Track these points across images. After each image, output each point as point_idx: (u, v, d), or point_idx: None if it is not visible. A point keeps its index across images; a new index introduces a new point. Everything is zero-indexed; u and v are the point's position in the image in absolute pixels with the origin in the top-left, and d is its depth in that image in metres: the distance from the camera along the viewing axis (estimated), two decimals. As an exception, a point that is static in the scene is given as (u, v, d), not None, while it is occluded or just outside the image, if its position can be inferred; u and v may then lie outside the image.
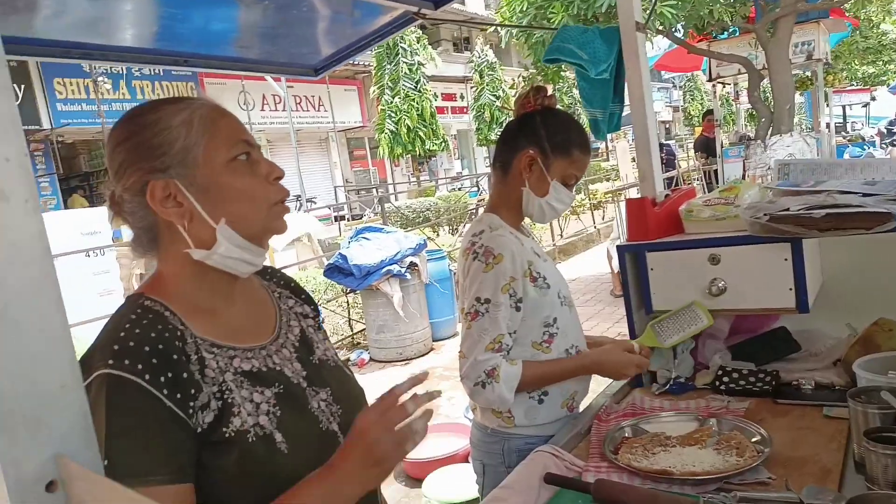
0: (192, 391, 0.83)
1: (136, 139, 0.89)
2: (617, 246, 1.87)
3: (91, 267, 6.32)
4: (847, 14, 8.55)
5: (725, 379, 1.64)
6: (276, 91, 14.58)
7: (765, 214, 1.56)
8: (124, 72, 11.86)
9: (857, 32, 12.59)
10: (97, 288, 6.19)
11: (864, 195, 1.52)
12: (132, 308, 0.88)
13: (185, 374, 0.83)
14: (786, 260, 1.59)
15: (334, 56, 2.46)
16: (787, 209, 1.54)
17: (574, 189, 1.64)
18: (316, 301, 1.17)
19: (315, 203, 14.37)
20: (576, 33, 2.61)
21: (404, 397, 0.87)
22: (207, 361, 0.87)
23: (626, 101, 2.24)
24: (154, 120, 0.89)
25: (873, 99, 18.95)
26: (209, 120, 0.90)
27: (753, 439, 1.27)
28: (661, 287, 1.75)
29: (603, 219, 11.45)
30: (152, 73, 12.52)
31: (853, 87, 17.00)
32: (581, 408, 1.68)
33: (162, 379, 0.81)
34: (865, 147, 10.94)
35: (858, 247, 1.80)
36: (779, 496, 1.07)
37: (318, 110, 16.36)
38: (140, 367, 0.80)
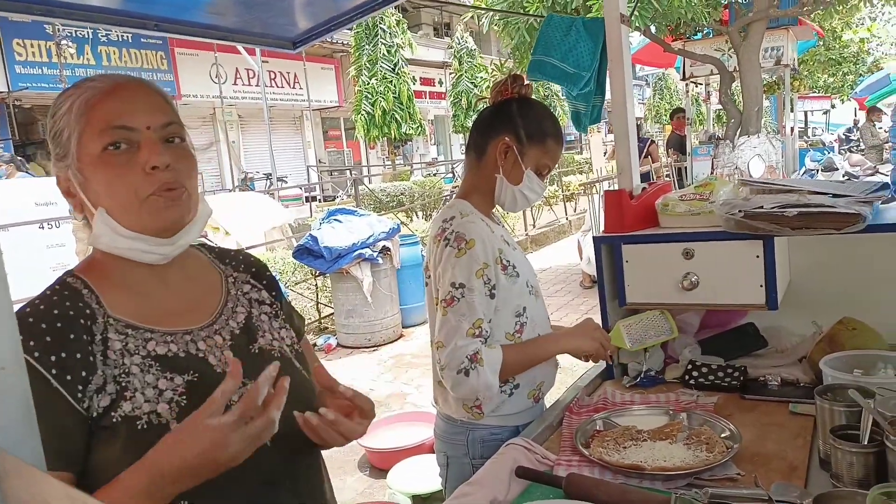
0: (85, 373, 0.81)
1: (49, 126, 0.91)
2: (593, 237, 1.86)
3: (45, 239, 6.04)
4: (813, 24, 8.73)
5: (695, 373, 1.66)
6: (250, 65, 14.25)
7: (739, 211, 1.58)
8: (90, 36, 11.43)
9: (822, 43, 12.89)
10: (50, 262, 5.94)
11: (835, 196, 1.54)
12: (53, 284, 0.89)
13: (79, 355, 0.81)
14: (757, 257, 1.60)
15: (313, 30, 2.39)
16: (761, 207, 1.56)
17: (546, 180, 1.63)
18: (282, 284, 1.12)
19: (286, 182, 14.14)
20: (560, 30, 2.59)
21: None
22: (111, 343, 0.84)
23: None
24: (56, 106, 0.90)
25: (833, 107, 19.49)
26: (87, 106, 0.86)
27: (723, 434, 1.28)
28: (636, 279, 1.76)
29: (575, 210, 11.55)
30: (120, 38, 12.10)
31: (815, 95, 17.43)
32: (550, 400, 1.68)
33: (52, 358, 0.79)
34: (825, 152, 11.25)
35: (825, 247, 1.83)
36: (749, 493, 1.08)
37: (294, 87, 16.05)
38: (32, 343, 0.79)
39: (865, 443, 1.07)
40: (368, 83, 12.58)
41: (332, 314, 6.09)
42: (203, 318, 0.94)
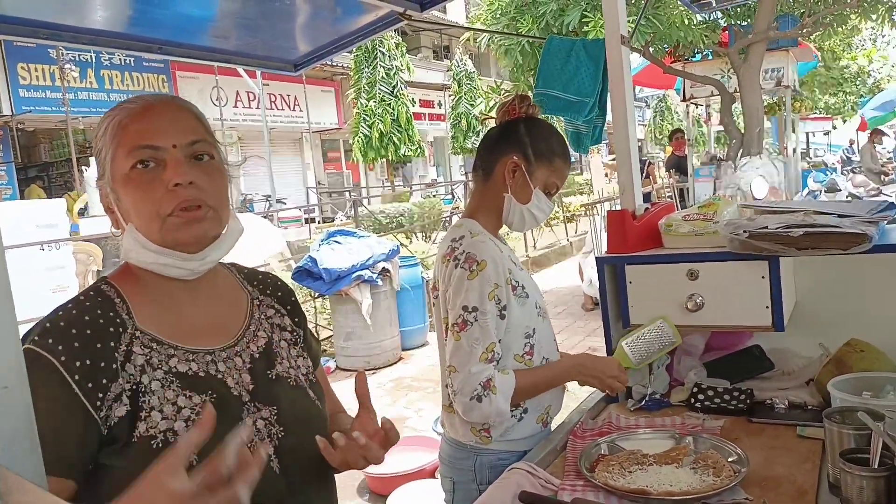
0: (106, 381, 0.81)
1: (93, 147, 0.95)
2: (596, 258, 1.85)
3: (45, 261, 6.04)
4: (813, 46, 8.82)
5: (700, 396, 1.63)
6: (251, 88, 14.36)
7: (744, 231, 1.57)
8: (93, 60, 11.54)
9: (822, 64, 13.03)
10: (50, 284, 5.93)
11: (840, 216, 1.53)
12: (88, 289, 0.91)
13: (103, 363, 0.82)
14: (763, 278, 1.59)
15: (314, 52, 2.40)
16: (766, 227, 1.55)
17: (553, 199, 1.62)
18: (303, 314, 1.12)
19: (285, 203, 14.16)
20: (560, 56, 2.62)
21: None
22: (134, 357, 0.85)
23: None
24: (98, 128, 0.93)
25: (834, 128, 19.63)
26: (119, 127, 0.90)
27: (730, 458, 1.26)
28: (639, 300, 1.74)
29: (576, 232, 11.54)
30: (122, 62, 12.22)
31: (816, 116, 17.56)
32: (554, 424, 1.65)
33: (77, 363, 0.80)
34: (828, 173, 11.30)
35: (831, 268, 1.82)
36: (757, 518, 1.05)
37: (294, 110, 16.17)
38: (60, 347, 0.80)
39: (876, 466, 1.04)
40: (367, 105, 12.66)
41: (331, 336, 6.05)
42: (226, 339, 0.95)
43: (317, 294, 5.84)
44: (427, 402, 4.65)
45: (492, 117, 1.67)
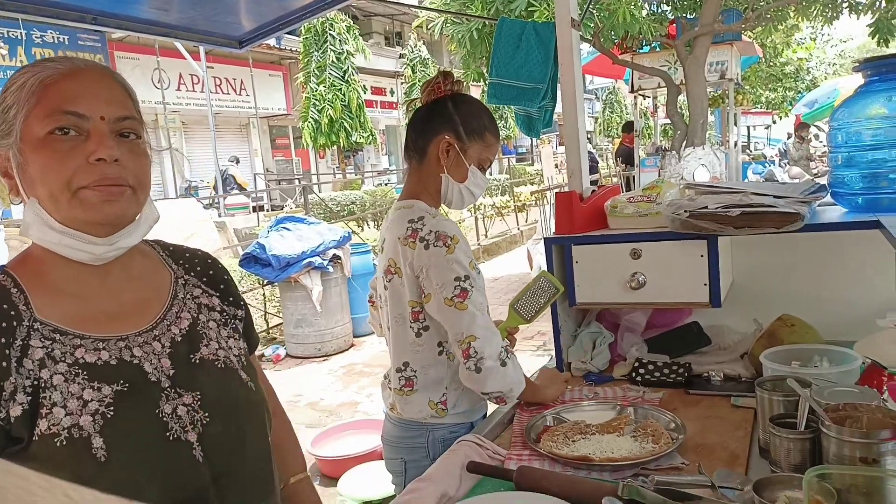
0: None
1: None
2: (544, 238, 1.88)
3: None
4: (755, 41, 9.14)
5: (642, 370, 1.69)
6: (195, 70, 13.89)
7: (685, 211, 1.62)
8: (23, 38, 10.93)
9: (763, 60, 13.54)
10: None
11: (777, 197, 1.59)
12: None
13: None
14: (702, 256, 1.65)
15: (260, 29, 2.35)
16: (706, 207, 1.60)
17: (487, 173, 1.64)
18: (239, 295, 1.05)
19: (231, 191, 13.81)
20: (511, 40, 2.63)
21: None
22: (32, 351, 0.78)
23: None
24: (10, 82, 0.84)
25: (774, 122, 20.43)
26: (41, 86, 0.81)
27: (668, 427, 1.31)
28: (585, 280, 1.78)
29: (526, 221, 11.69)
30: (55, 40, 11.62)
31: (757, 110, 18.25)
32: None
33: None
34: (767, 165, 11.78)
35: (765, 248, 1.91)
36: (692, 480, 1.10)
37: (240, 94, 15.74)
38: None
39: (802, 429, 1.10)
40: (316, 90, 12.42)
41: (280, 324, 5.97)
42: (143, 323, 0.88)
43: (265, 281, 5.74)
44: (378, 387, 4.63)
45: (415, 100, 1.66)
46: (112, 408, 0.79)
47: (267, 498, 0.94)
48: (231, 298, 1.01)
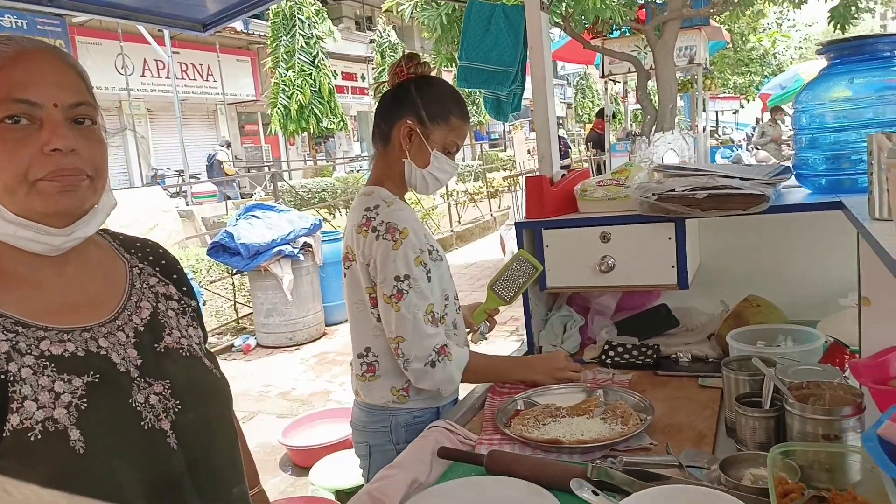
0: None
1: None
2: (515, 223, 1.88)
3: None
4: (722, 26, 9.24)
5: (611, 353, 1.70)
6: (160, 56, 13.55)
7: (653, 194, 1.63)
8: (-22, 23, 10.53)
9: (731, 45, 13.73)
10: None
11: (743, 179, 1.61)
12: None
13: None
14: (670, 239, 1.66)
15: (225, 12, 2.28)
16: (674, 189, 1.61)
17: (456, 157, 1.59)
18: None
19: (199, 179, 13.57)
20: (480, 23, 2.60)
21: None
22: None
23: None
24: None
25: (742, 107, 20.79)
26: None
27: (637, 408, 1.32)
28: (556, 264, 1.79)
29: (499, 207, 11.71)
30: (14, 24, 11.19)
31: (725, 95, 18.54)
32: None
33: None
34: (734, 149, 11.99)
35: (731, 231, 1.93)
36: (660, 460, 1.11)
37: (207, 80, 15.40)
38: None
39: (767, 408, 1.12)
40: (285, 75, 12.20)
41: (250, 314, 5.89)
42: (104, 313, 0.86)
43: (234, 270, 5.65)
44: (350, 374, 4.62)
45: (382, 83, 1.63)
46: (85, 399, 0.77)
47: (239, 483, 0.94)
48: (185, 288, 1.00)
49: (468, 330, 1.70)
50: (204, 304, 5.61)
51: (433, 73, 1.60)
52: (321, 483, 2.89)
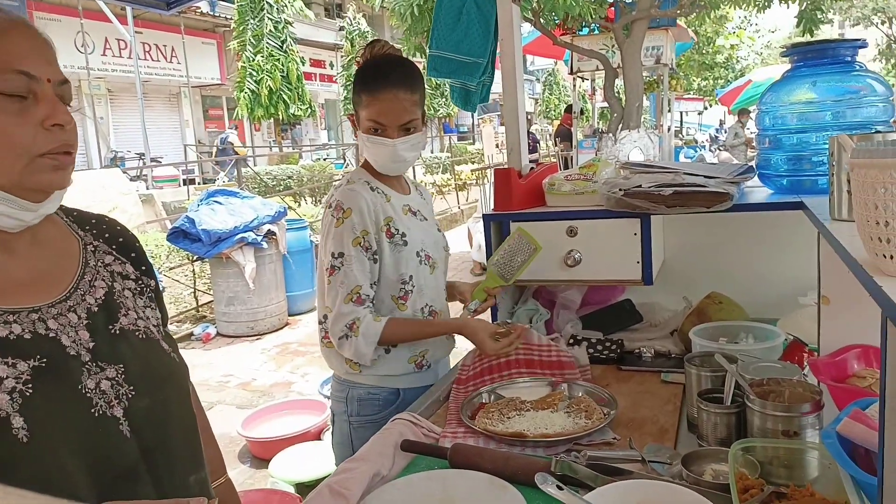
0: None
1: None
2: (483, 215, 1.87)
3: None
4: (689, 28, 9.40)
5: (576, 347, 1.70)
6: (122, 35, 13.08)
7: (620, 189, 1.63)
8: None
9: (696, 48, 13.99)
10: None
11: (707, 177, 1.63)
12: None
13: None
14: (635, 234, 1.67)
15: (188, -11, 2.21)
16: (640, 185, 1.62)
17: (401, 133, 1.48)
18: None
19: (160, 163, 13.19)
20: (452, 10, 2.57)
21: None
22: None
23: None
24: None
25: (706, 108, 21.22)
26: None
27: (601, 402, 1.32)
28: (522, 257, 1.78)
29: (467, 199, 11.71)
30: (-36, -5, 10.69)
31: (690, 97, 18.91)
32: (440, 370, 1.67)
33: None
34: (698, 150, 12.24)
35: (695, 228, 1.96)
36: (623, 454, 1.12)
37: (171, 61, 14.96)
38: None
39: (728, 404, 1.13)
40: (253, 60, 11.93)
41: (210, 302, 5.76)
42: (55, 293, 0.82)
43: (195, 257, 5.52)
44: (313, 366, 4.57)
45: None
46: (30, 385, 0.73)
47: (197, 471, 0.91)
48: (143, 267, 0.96)
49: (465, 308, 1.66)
50: (163, 291, 5.46)
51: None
52: (281, 475, 2.84)
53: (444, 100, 14.98)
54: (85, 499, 0.73)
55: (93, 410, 0.77)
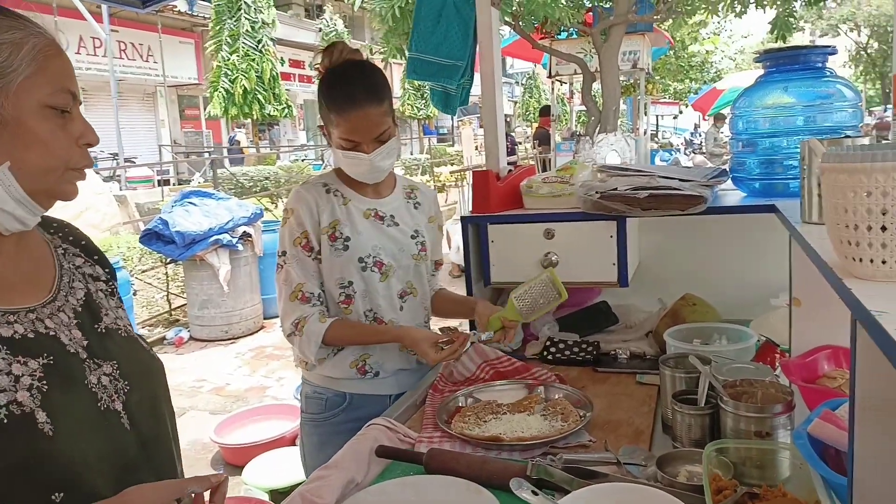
0: None
1: None
2: (461, 217, 1.86)
3: None
4: (665, 33, 9.52)
5: (553, 349, 1.71)
6: (97, 33, 12.86)
7: (596, 192, 1.64)
8: None
9: (672, 52, 14.18)
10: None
11: (682, 180, 1.64)
12: None
13: None
14: (611, 237, 1.68)
15: (161, -14, 2.17)
16: (616, 188, 1.63)
17: (376, 144, 1.43)
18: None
19: (134, 163, 12.98)
20: (432, 12, 2.56)
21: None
22: None
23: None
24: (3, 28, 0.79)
25: (681, 112, 21.52)
26: (43, 53, 0.80)
27: (577, 405, 1.32)
28: (500, 259, 1.78)
29: (446, 202, 11.69)
30: (-70, -10, 10.41)
31: (665, 101, 19.16)
32: (401, 380, 1.61)
33: None
34: (673, 153, 12.39)
35: (669, 231, 1.98)
36: (599, 457, 1.12)
37: (147, 61, 14.75)
38: None
39: (702, 405, 1.14)
40: (228, 59, 11.81)
41: (183, 305, 5.67)
42: (42, 294, 0.84)
43: (168, 259, 5.42)
44: (288, 370, 4.51)
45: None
46: (45, 381, 0.76)
47: (180, 460, 0.96)
48: (107, 269, 0.98)
49: (473, 332, 1.57)
50: (134, 295, 5.36)
51: (380, 65, 1.57)
52: (254, 483, 2.80)
53: (423, 101, 14.96)
54: (104, 489, 0.76)
55: (98, 404, 0.80)
